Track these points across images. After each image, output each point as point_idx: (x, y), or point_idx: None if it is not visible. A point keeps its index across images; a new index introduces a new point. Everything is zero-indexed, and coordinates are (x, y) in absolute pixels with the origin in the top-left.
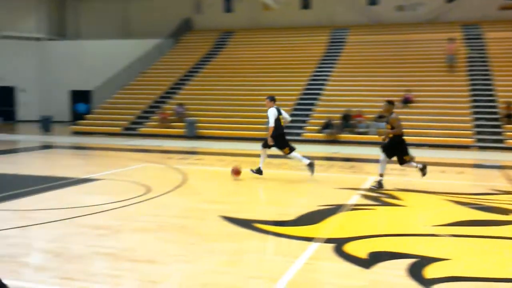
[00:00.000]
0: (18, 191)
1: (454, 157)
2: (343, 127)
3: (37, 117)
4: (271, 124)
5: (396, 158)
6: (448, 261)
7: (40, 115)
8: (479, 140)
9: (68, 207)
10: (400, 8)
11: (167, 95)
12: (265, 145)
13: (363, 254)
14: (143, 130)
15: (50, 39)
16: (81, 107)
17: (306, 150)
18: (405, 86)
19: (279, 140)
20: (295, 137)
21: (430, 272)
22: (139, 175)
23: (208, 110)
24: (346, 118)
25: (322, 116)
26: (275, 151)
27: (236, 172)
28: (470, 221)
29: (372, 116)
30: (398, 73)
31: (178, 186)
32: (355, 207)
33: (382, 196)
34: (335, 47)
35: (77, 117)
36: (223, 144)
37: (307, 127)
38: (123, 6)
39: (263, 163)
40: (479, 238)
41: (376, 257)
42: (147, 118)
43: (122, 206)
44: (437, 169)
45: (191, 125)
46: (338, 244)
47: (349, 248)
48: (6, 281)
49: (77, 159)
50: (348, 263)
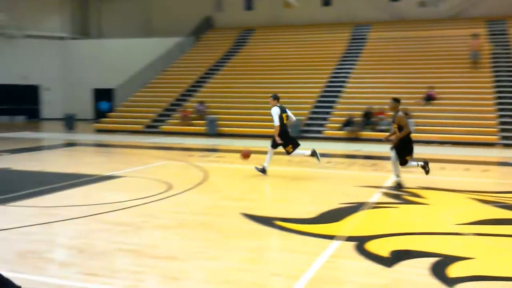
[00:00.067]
0: (42, 188)
1: (478, 155)
2: (364, 125)
3: (61, 115)
4: (276, 123)
5: (393, 155)
6: (472, 260)
7: (64, 113)
8: (504, 138)
9: (91, 204)
10: (422, 4)
11: (188, 93)
12: (274, 145)
13: (385, 252)
14: (165, 128)
15: (73, 38)
16: (104, 105)
17: (327, 147)
18: (428, 83)
19: (283, 137)
20: (316, 135)
21: (453, 271)
22: (161, 172)
23: (229, 108)
24: (368, 115)
25: (343, 113)
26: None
27: (246, 155)
28: (495, 220)
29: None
30: (421, 70)
31: (199, 184)
32: (377, 205)
33: (404, 194)
34: (356, 44)
35: (99, 115)
36: (243, 142)
37: (328, 125)
38: (145, 5)
39: (268, 162)
40: (504, 237)
41: (398, 256)
42: (168, 116)
43: (144, 203)
44: (461, 167)
45: (212, 123)
46: (360, 242)
47: (371, 246)
48: (30, 276)
49: (100, 157)
50: (369, 262)
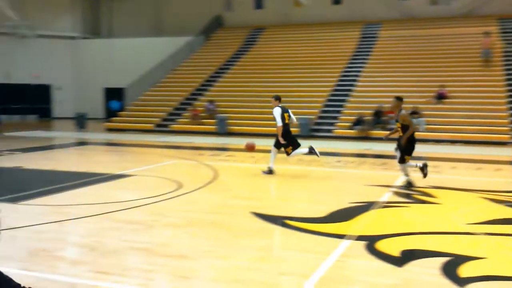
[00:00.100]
0: (54, 186)
1: (490, 154)
2: (374, 124)
3: (72, 114)
4: (279, 123)
5: (399, 156)
6: (484, 260)
7: (75, 112)
8: None
9: (102, 202)
10: (433, 1)
11: (198, 92)
12: (277, 145)
13: (395, 252)
14: (175, 126)
15: (84, 38)
16: (115, 104)
17: (337, 146)
18: (439, 82)
19: (285, 138)
20: (326, 134)
21: (464, 271)
22: (171, 171)
23: (239, 107)
24: (378, 114)
25: (354, 112)
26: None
27: (250, 147)
28: (506, 220)
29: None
30: (432, 68)
31: (209, 182)
32: (387, 204)
33: (415, 193)
34: (367, 42)
35: (110, 114)
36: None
37: (338, 124)
38: (155, 4)
39: (273, 162)
40: None
41: (409, 255)
42: (178, 115)
43: (154, 202)
44: (473, 166)
45: (222, 122)
46: (370, 241)
47: (381, 245)
48: (42, 274)
49: (111, 156)
50: (380, 261)
